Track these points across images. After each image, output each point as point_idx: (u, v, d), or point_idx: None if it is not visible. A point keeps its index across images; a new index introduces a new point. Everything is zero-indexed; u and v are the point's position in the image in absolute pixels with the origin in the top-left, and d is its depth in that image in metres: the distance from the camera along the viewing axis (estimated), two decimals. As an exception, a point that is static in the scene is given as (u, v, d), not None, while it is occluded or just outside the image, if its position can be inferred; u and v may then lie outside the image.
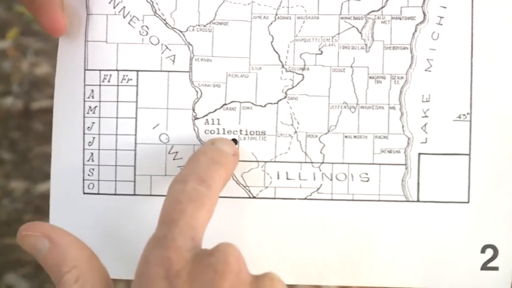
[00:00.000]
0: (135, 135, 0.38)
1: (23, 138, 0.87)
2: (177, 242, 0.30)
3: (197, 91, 0.38)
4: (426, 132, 0.37)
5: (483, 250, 0.37)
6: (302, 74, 0.38)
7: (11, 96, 0.90)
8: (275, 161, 0.38)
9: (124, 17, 0.38)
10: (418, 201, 0.37)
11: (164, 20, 0.38)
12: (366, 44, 0.38)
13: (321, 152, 0.38)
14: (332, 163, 0.38)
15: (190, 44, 0.38)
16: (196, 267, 0.29)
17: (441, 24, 0.37)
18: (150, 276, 0.29)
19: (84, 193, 0.38)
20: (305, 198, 0.38)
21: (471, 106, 0.37)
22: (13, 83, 0.90)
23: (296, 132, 0.38)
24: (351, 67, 0.38)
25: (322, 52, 0.38)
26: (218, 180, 0.34)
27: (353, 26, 0.38)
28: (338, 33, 0.38)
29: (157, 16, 0.38)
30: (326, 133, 0.38)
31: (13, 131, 0.88)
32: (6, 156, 0.87)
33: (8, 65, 0.91)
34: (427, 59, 0.37)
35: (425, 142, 0.37)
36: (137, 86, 0.38)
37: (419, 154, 0.37)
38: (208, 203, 0.32)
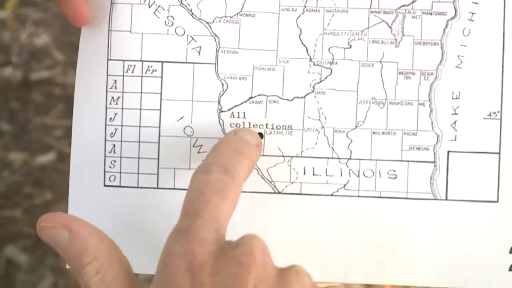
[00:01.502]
0: (159, 127, 0.37)
1: (22, 109, 0.86)
2: (200, 234, 0.29)
3: (223, 84, 0.37)
4: (455, 130, 0.37)
5: (511, 251, 0.36)
6: (330, 68, 0.37)
7: (10, 66, 0.88)
8: (301, 156, 0.37)
9: (150, 7, 0.37)
10: (446, 199, 0.37)
11: (190, 10, 0.37)
12: (396, 39, 0.37)
13: (348, 148, 0.37)
14: (360, 159, 0.37)
15: (216, 36, 0.37)
16: (220, 260, 0.29)
17: (473, 20, 0.37)
18: (173, 268, 0.29)
19: (105, 186, 0.37)
20: (332, 195, 0.37)
21: (501, 104, 0.37)
22: (12, 53, 0.89)
23: (323, 127, 0.37)
24: (380, 62, 0.37)
25: (351, 46, 0.37)
26: (242, 170, 0.33)
27: (383, 21, 0.37)
28: (368, 27, 0.37)
29: (183, 7, 0.37)
30: (353, 129, 0.37)
31: (12, 101, 0.87)
32: (5, 127, 0.86)
33: (7, 36, 0.90)
34: (458, 56, 0.37)
35: (455, 140, 0.37)
36: (161, 77, 0.37)
37: (448, 151, 0.37)
38: (232, 194, 0.32)
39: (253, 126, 0.37)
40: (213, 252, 0.29)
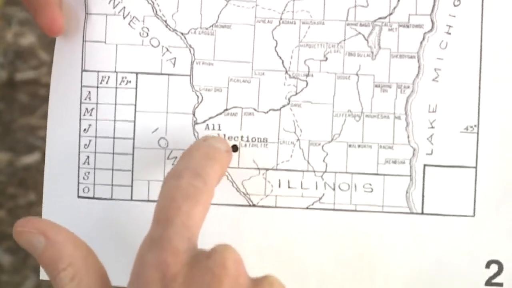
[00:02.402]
0: (133, 139, 0.37)
1: (7, 109, 0.86)
2: (173, 243, 0.29)
3: (198, 96, 0.37)
4: (432, 144, 0.36)
5: (487, 266, 0.36)
6: (306, 81, 0.37)
7: None
8: (276, 169, 0.37)
9: (124, 18, 0.37)
10: (422, 213, 0.36)
11: (165, 21, 0.37)
12: (372, 52, 0.37)
13: (324, 161, 0.37)
14: (335, 173, 0.37)
15: (191, 47, 0.37)
16: (193, 270, 0.29)
17: (450, 33, 0.36)
18: (146, 279, 0.29)
19: (79, 197, 0.37)
20: (307, 208, 0.37)
21: (478, 118, 0.36)
22: None
23: (298, 139, 0.37)
24: (357, 74, 0.37)
25: (327, 58, 0.37)
26: (213, 176, 0.33)
27: (360, 33, 0.37)
28: (344, 40, 0.37)
29: (158, 18, 0.37)
30: (329, 142, 0.37)
31: None
32: None
33: None
34: (435, 69, 0.36)
35: (431, 154, 0.36)
36: (136, 88, 0.37)
37: (425, 165, 0.36)
38: (204, 200, 0.31)
39: (228, 138, 0.37)
40: (186, 262, 0.29)
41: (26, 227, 0.31)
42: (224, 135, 0.37)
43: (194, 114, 0.37)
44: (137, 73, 0.37)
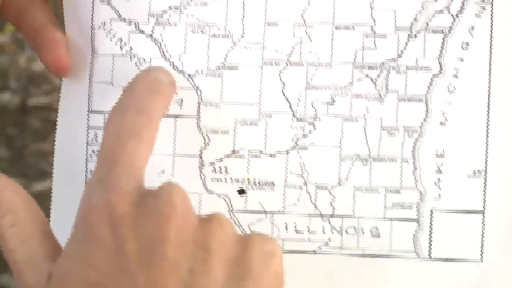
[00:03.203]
0: (139, 181, 0.37)
1: (19, 135, 0.85)
2: (120, 184, 0.29)
3: (204, 138, 0.37)
4: (439, 188, 0.36)
5: (495, 311, 0.36)
6: (313, 124, 0.37)
7: (8, 91, 0.88)
8: (283, 213, 0.37)
9: (131, 59, 0.37)
10: (430, 258, 0.36)
11: (172, 63, 0.37)
12: (380, 95, 0.36)
13: (331, 205, 0.36)
14: (342, 217, 0.36)
15: (198, 89, 0.37)
16: (140, 210, 0.28)
17: (458, 77, 0.36)
18: (92, 221, 0.28)
19: None
20: (314, 252, 0.36)
21: (486, 163, 0.36)
22: (10, 78, 0.88)
23: (305, 183, 0.36)
24: (364, 118, 0.36)
25: (334, 101, 0.37)
26: (158, 110, 0.32)
27: (367, 76, 0.36)
28: (352, 82, 0.37)
29: (165, 59, 0.37)
30: (336, 185, 0.36)
31: (10, 127, 0.86)
32: (3, 152, 0.85)
33: (6, 60, 0.89)
34: (443, 112, 0.36)
35: (439, 198, 0.36)
36: None
37: (432, 210, 0.36)
38: (149, 136, 0.31)
39: (235, 181, 0.37)
40: (132, 203, 0.28)
41: None
42: (231, 178, 0.37)
43: (201, 157, 0.37)
44: (143, 115, 0.37)
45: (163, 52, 0.37)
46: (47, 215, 0.37)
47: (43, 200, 0.37)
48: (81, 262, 0.28)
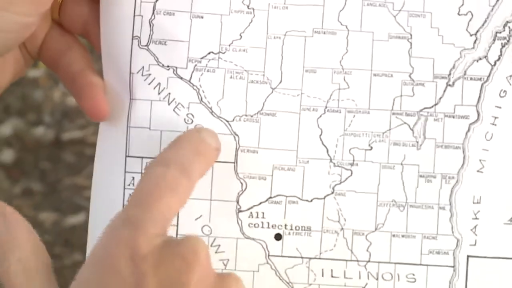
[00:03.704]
0: (177, 225, 0.37)
1: (53, 169, 0.86)
2: (148, 227, 0.29)
3: (242, 183, 0.37)
4: (476, 235, 0.36)
5: None
6: (350, 170, 0.37)
7: (42, 126, 0.88)
8: (320, 258, 0.37)
9: (169, 104, 0.37)
10: (465, 305, 0.36)
11: (210, 108, 0.37)
12: (417, 142, 0.37)
13: (367, 250, 0.37)
14: (379, 262, 0.37)
15: (236, 134, 0.37)
16: (164, 253, 0.29)
17: (495, 125, 0.36)
18: (115, 253, 0.29)
19: None
20: (350, 298, 0.37)
21: None
22: (45, 112, 0.88)
23: (342, 229, 0.37)
24: (401, 164, 0.37)
25: (372, 148, 0.37)
26: (198, 172, 0.33)
27: (405, 123, 0.37)
28: (389, 129, 0.37)
29: (203, 104, 0.37)
30: (373, 231, 0.37)
31: (44, 161, 0.86)
32: (36, 186, 0.86)
33: (40, 94, 0.89)
34: (480, 160, 0.36)
35: (475, 245, 0.36)
36: None
37: (468, 256, 0.36)
38: (185, 195, 0.32)
39: (272, 226, 0.37)
40: (158, 245, 0.29)
41: None
42: (268, 223, 0.37)
43: (238, 202, 0.37)
44: (181, 160, 0.37)
45: (201, 97, 0.37)
46: (83, 253, 0.37)
47: (76, 233, 0.37)
48: None
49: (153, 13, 0.37)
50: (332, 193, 0.37)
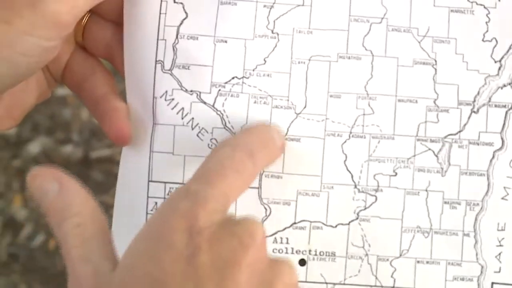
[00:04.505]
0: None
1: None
2: (209, 201, 0.29)
3: (266, 208, 0.37)
4: (500, 262, 0.36)
5: None
6: (375, 196, 0.37)
7: (70, 144, 0.87)
8: (344, 284, 0.37)
9: (193, 129, 0.37)
10: (490, 331, 0.36)
11: (234, 133, 0.37)
12: (442, 168, 0.37)
13: (392, 276, 0.37)
14: (403, 289, 0.37)
15: (260, 160, 0.37)
16: (220, 231, 0.29)
17: (520, 152, 0.36)
18: (171, 224, 0.28)
19: None
20: (374, 324, 0.37)
21: None
22: (73, 131, 0.87)
23: (367, 254, 0.37)
24: (426, 190, 0.37)
25: (396, 174, 0.37)
26: (262, 163, 0.33)
27: (429, 149, 0.37)
28: (414, 155, 0.37)
29: (226, 129, 0.37)
30: (397, 257, 0.37)
31: None
32: None
33: (68, 113, 0.88)
34: (504, 187, 0.36)
35: (499, 272, 0.36)
36: None
37: (492, 283, 0.36)
38: (248, 180, 0.32)
39: (296, 252, 0.37)
40: (214, 221, 0.29)
41: (41, 173, 0.31)
42: (292, 248, 0.37)
43: (262, 227, 0.37)
44: (205, 185, 0.37)
45: (225, 123, 0.37)
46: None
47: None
48: (148, 259, 0.28)
49: (177, 37, 0.37)
50: (357, 218, 0.37)
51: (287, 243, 0.37)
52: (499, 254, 0.36)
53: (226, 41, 0.37)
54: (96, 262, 0.29)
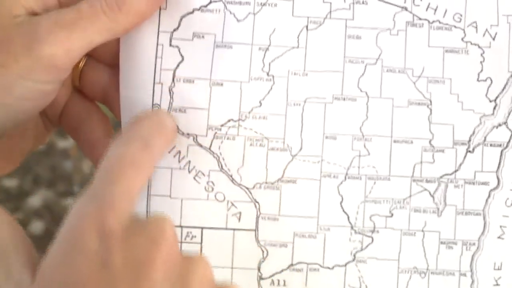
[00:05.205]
0: (198, 294, 0.37)
1: None
2: (114, 201, 0.29)
3: (263, 251, 0.37)
4: None
5: None
6: (371, 237, 0.37)
7: (72, 196, 0.88)
8: None
9: (189, 172, 0.37)
10: None
11: (231, 176, 0.37)
12: (438, 208, 0.37)
13: (389, 317, 0.37)
14: (400, 329, 0.37)
15: (256, 202, 0.37)
16: (131, 230, 0.29)
17: (516, 191, 0.37)
18: (82, 228, 0.28)
19: None
20: None
21: None
22: (75, 183, 0.88)
23: (364, 295, 0.37)
24: (422, 231, 0.37)
25: (392, 214, 0.37)
26: (159, 150, 0.33)
27: (425, 189, 0.37)
28: (410, 196, 0.37)
29: (223, 172, 0.37)
30: None
31: None
32: None
33: (70, 165, 0.89)
34: (500, 226, 0.37)
35: None
36: (201, 243, 0.37)
37: (490, 323, 0.37)
38: (147, 170, 0.32)
39: (293, 293, 0.37)
40: (123, 220, 0.29)
41: None
42: (289, 290, 0.37)
43: (259, 269, 0.37)
44: (202, 228, 0.37)
45: (222, 165, 0.37)
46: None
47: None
48: (63, 266, 0.28)
49: (173, 80, 0.37)
50: (354, 260, 0.37)
51: (284, 285, 0.37)
52: (496, 293, 0.37)
53: (222, 84, 0.37)
54: (16, 277, 0.29)
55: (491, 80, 0.37)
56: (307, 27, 0.37)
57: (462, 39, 0.37)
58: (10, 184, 0.90)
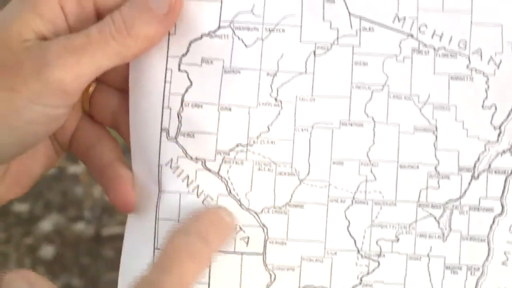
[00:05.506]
0: (206, 317, 0.37)
1: (93, 264, 0.86)
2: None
3: (270, 274, 0.37)
4: None
5: None
6: (378, 261, 0.37)
7: (82, 221, 0.88)
8: None
9: (198, 196, 0.37)
10: None
11: (239, 200, 0.37)
12: (443, 234, 0.37)
13: None
14: None
15: (264, 226, 0.37)
16: None
17: (520, 217, 0.37)
18: None
19: None
20: None
21: None
22: (85, 208, 0.88)
23: (370, 319, 0.37)
24: (428, 256, 0.37)
25: (398, 239, 0.37)
26: (216, 244, 0.35)
27: (431, 215, 0.37)
28: (416, 221, 0.37)
29: (231, 197, 0.37)
30: None
31: (84, 256, 0.87)
32: (76, 282, 0.86)
33: (80, 190, 0.90)
34: (504, 252, 0.37)
35: None
36: (209, 268, 0.37)
37: None
38: (204, 263, 0.34)
39: (300, 317, 0.37)
40: None
41: (11, 275, 0.31)
42: (296, 314, 0.37)
43: (267, 293, 0.37)
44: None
45: (230, 190, 0.37)
46: None
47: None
48: None
49: (182, 105, 0.37)
50: (360, 284, 0.37)
51: (292, 308, 0.37)
52: (500, 318, 0.37)
53: (230, 109, 0.37)
54: None
55: (496, 107, 0.37)
56: (314, 52, 0.37)
57: (467, 66, 0.37)
58: (21, 208, 0.90)
